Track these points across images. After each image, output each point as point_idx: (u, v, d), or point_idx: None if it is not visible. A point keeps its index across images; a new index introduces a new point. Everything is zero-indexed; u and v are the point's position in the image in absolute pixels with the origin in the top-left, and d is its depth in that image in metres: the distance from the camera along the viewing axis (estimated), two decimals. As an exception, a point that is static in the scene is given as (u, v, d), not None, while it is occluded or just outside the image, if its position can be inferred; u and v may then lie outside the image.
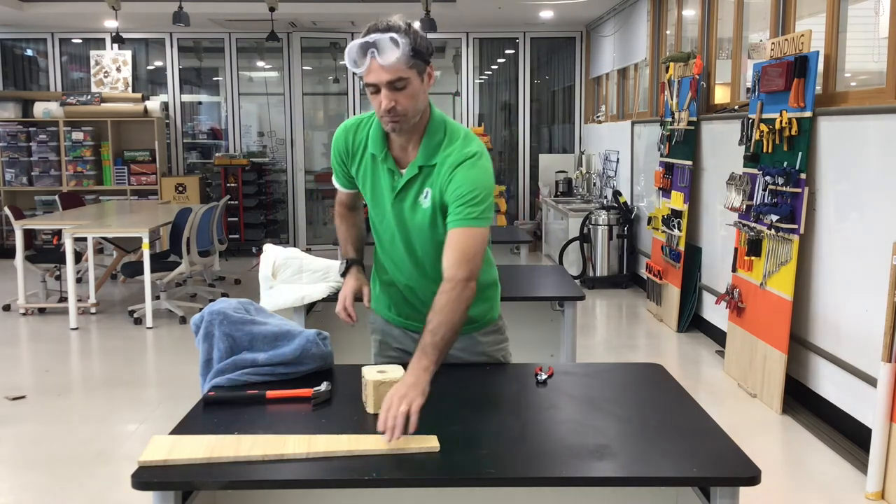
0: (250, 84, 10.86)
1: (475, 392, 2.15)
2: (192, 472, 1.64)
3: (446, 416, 1.90)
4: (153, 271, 6.43)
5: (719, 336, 5.62)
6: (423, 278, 2.24)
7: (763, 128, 4.65)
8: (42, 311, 6.96)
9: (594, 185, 9.40)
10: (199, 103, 11.22)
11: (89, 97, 9.77)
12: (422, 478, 1.70)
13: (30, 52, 10.61)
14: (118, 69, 10.09)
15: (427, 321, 1.95)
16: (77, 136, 9.73)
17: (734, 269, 5.07)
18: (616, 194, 8.04)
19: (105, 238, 7.32)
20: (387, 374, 1.96)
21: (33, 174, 9.84)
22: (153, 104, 9.85)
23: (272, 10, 7.91)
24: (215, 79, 10.91)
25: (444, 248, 2.06)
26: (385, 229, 2.25)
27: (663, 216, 6.52)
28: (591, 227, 7.87)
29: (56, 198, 8.70)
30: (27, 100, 10.05)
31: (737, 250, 5.04)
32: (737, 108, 5.55)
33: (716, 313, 5.73)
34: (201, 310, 2.20)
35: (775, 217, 4.45)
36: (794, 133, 4.37)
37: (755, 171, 4.77)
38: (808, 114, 4.29)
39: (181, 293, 7.48)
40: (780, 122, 4.46)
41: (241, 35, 10.34)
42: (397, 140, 2.15)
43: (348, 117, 2.39)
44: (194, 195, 9.85)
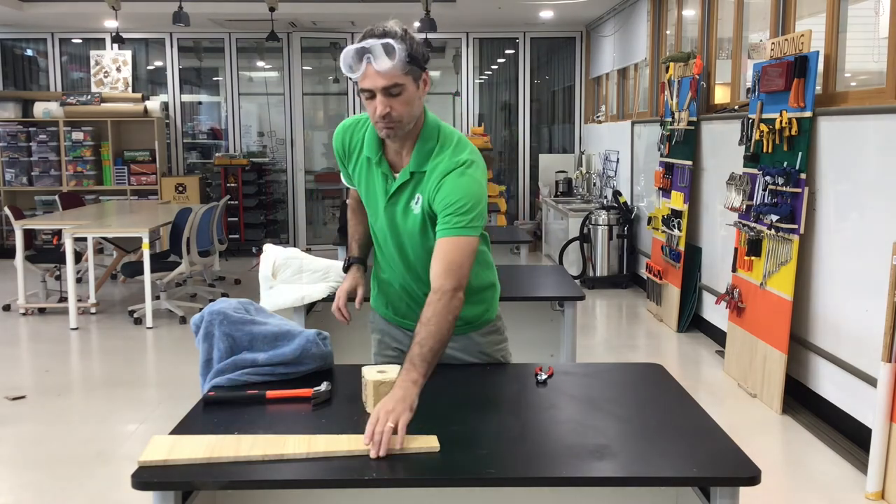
0: (250, 84, 10.86)
1: (475, 392, 2.15)
2: (192, 472, 1.64)
3: (446, 416, 1.90)
4: (153, 271, 6.43)
5: (719, 336, 5.62)
6: (415, 281, 2.25)
7: (763, 128, 4.65)
8: (42, 311, 6.96)
9: (594, 185, 9.40)
10: (199, 103, 11.22)
11: (89, 97, 9.77)
12: (422, 478, 1.70)
13: (30, 52, 10.61)
14: (118, 69, 10.09)
15: (415, 333, 1.94)
16: (77, 136, 9.73)
17: (734, 269, 5.07)
18: (616, 194, 8.03)
19: (105, 238, 7.31)
20: (387, 374, 1.96)
21: (33, 174, 9.84)
22: (153, 104, 9.85)
23: (272, 10, 7.91)
24: (215, 79, 10.91)
25: (433, 257, 2.05)
26: (379, 230, 2.26)
27: (663, 216, 6.52)
28: (591, 227, 7.87)
29: (56, 198, 8.70)
30: (27, 100, 10.05)
31: (737, 250, 5.04)
32: (737, 108, 5.55)
33: (716, 313, 5.73)
34: (201, 310, 2.20)
35: (775, 217, 4.45)
36: (794, 133, 4.37)
37: (755, 171, 4.77)
38: (808, 114, 4.29)
39: (181, 293, 7.48)
40: (780, 122, 4.46)
41: (241, 35, 10.34)
42: (392, 145, 2.15)
43: (348, 117, 2.38)
44: (194, 195, 9.85)
